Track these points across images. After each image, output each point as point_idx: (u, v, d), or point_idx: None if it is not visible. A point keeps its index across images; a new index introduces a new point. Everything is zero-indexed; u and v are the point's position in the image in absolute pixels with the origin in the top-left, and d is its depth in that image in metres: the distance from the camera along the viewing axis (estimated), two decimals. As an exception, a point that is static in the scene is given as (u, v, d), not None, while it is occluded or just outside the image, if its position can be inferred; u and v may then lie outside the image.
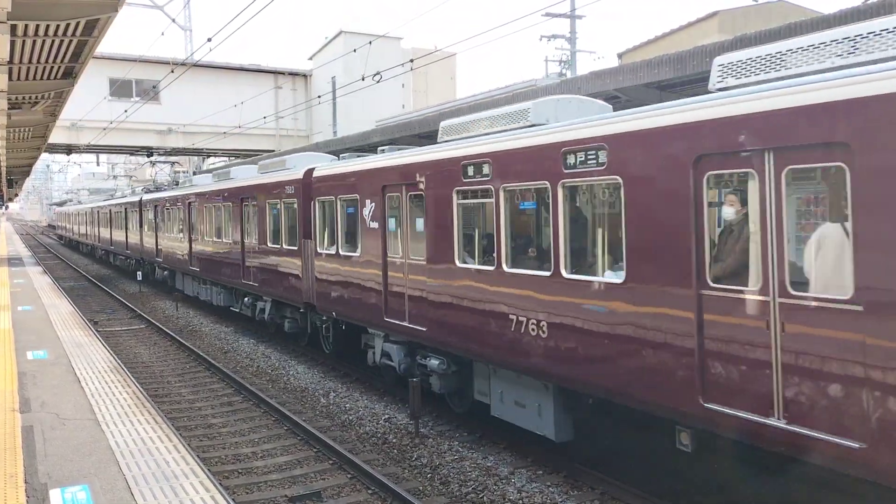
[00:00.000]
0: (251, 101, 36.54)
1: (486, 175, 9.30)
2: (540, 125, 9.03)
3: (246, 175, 19.92)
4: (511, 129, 9.43)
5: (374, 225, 11.95)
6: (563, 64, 33.44)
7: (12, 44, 10.60)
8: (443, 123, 11.25)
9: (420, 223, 10.75)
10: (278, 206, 16.31)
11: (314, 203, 14.29)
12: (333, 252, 13.57)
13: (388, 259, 11.73)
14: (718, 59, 6.95)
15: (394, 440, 10.82)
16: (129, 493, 6.35)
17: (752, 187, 6.15)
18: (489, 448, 10.30)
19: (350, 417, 12.07)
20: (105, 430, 8.23)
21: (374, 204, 11.98)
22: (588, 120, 7.99)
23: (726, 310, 6.27)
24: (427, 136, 17.89)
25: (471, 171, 9.57)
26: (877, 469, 5.30)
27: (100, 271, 41.20)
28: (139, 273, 31.60)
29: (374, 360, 12.85)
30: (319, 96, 31.88)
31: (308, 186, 14.75)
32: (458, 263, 9.93)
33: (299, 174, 15.26)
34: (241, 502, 8.62)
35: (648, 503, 8.19)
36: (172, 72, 24.80)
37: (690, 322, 6.50)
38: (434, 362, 10.88)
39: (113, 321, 22.74)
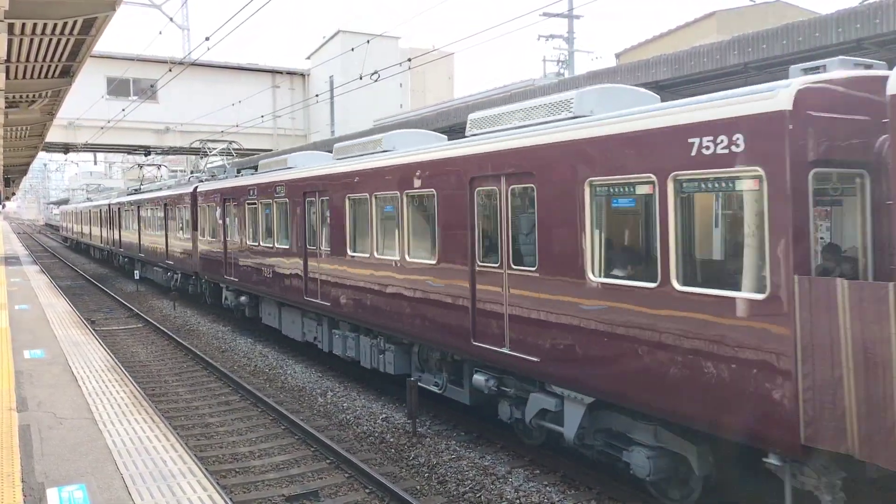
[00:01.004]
0: (249, 100, 36.53)
1: None
2: None
3: (428, 143, 11.71)
4: None
5: None
6: (560, 64, 33.46)
7: (10, 42, 10.60)
8: None
9: None
10: (652, 195, 7.17)
11: None
12: None
13: None
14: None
15: (391, 439, 10.83)
16: (127, 493, 6.35)
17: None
18: (486, 447, 10.31)
19: (347, 417, 12.07)
20: (102, 429, 8.22)
21: None
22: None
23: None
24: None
25: None
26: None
27: (97, 270, 41.16)
28: (136, 272, 31.51)
29: None
30: (317, 95, 31.89)
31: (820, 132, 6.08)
32: None
33: (772, 102, 6.17)
34: (238, 501, 8.62)
35: (645, 503, 8.20)
36: (170, 71, 24.80)
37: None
38: None
39: (110, 320, 22.73)
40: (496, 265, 9.33)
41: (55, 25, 10.09)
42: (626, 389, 7.49)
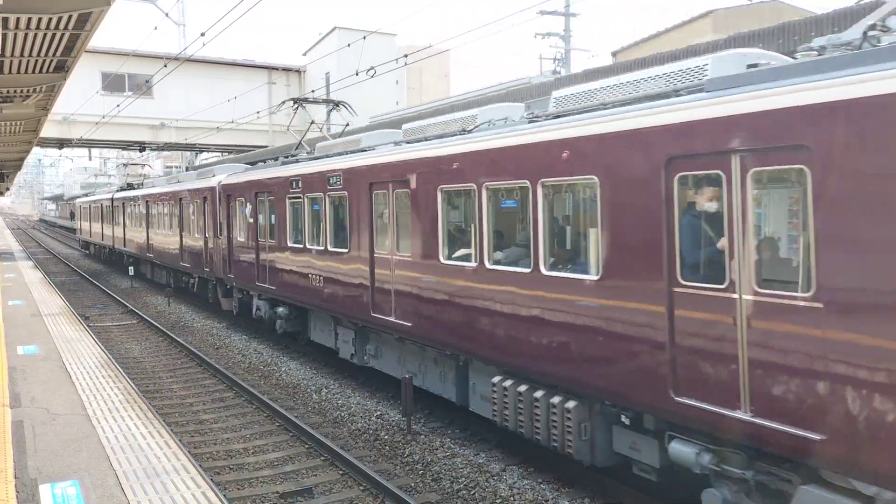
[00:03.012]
0: (244, 96, 36.44)
1: None
2: None
3: None
4: None
5: None
6: (557, 62, 33.47)
7: (4, 37, 10.55)
8: None
9: None
10: None
11: None
12: None
13: None
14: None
15: (386, 437, 10.83)
16: (120, 489, 6.34)
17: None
18: (480, 445, 10.31)
19: (342, 414, 12.07)
20: (96, 425, 8.20)
21: None
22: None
23: None
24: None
25: None
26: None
27: (91, 266, 41.04)
28: (131, 268, 31.42)
29: None
30: (313, 91, 31.82)
31: None
32: None
33: None
34: (232, 498, 8.60)
35: (639, 501, 8.22)
36: (165, 66, 24.74)
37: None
38: None
39: (104, 316, 22.67)
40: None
41: (50, 20, 10.04)
42: None
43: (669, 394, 6.68)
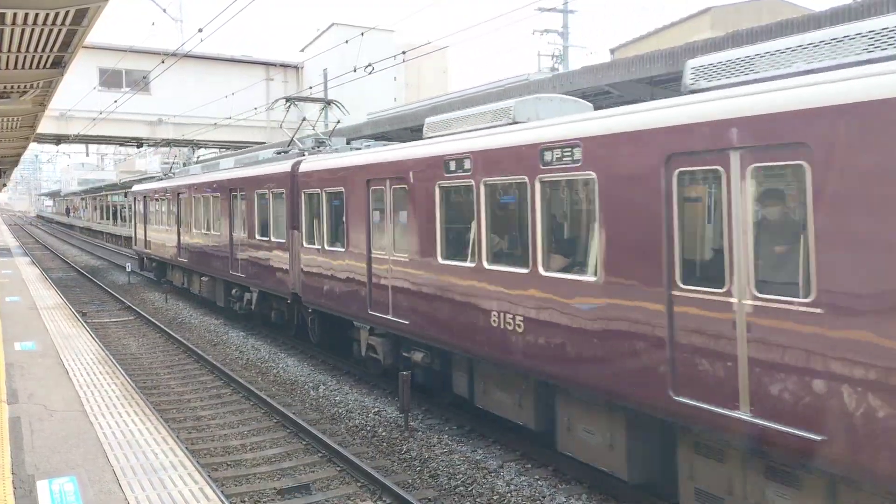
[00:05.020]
0: (242, 92, 36.40)
1: None
2: None
3: None
4: None
5: None
6: (555, 58, 33.47)
7: (0, 32, 10.51)
8: None
9: None
10: None
11: None
12: None
13: None
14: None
15: (383, 433, 10.84)
16: (118, 485, 6.34)
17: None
18: (478, 441, 10.32)
19: (340, 410, 12.07)
20: (93, 421, 8.20)
21: None
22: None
23: None
24: (418, 130, 17.47)
25: None
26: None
27: (88, 262, 40.99)
28: (128, 264, 31.38)
29: None
30: (311, 87, 31.80)
31: None
32: None
33: None
34: (229, 494, 8.61)
35: (635, 497, 8.23)
36: (163, 62, 24.69)
37: None
38: None
39: (102, 312, 22.65)
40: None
41: (47, 15, 10.00)
42: None
43: None
